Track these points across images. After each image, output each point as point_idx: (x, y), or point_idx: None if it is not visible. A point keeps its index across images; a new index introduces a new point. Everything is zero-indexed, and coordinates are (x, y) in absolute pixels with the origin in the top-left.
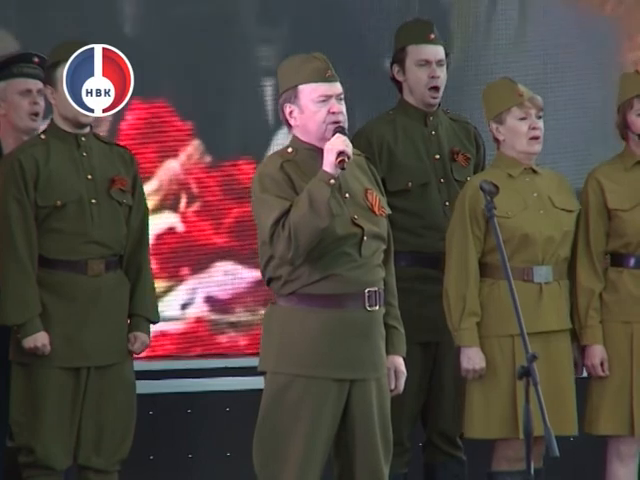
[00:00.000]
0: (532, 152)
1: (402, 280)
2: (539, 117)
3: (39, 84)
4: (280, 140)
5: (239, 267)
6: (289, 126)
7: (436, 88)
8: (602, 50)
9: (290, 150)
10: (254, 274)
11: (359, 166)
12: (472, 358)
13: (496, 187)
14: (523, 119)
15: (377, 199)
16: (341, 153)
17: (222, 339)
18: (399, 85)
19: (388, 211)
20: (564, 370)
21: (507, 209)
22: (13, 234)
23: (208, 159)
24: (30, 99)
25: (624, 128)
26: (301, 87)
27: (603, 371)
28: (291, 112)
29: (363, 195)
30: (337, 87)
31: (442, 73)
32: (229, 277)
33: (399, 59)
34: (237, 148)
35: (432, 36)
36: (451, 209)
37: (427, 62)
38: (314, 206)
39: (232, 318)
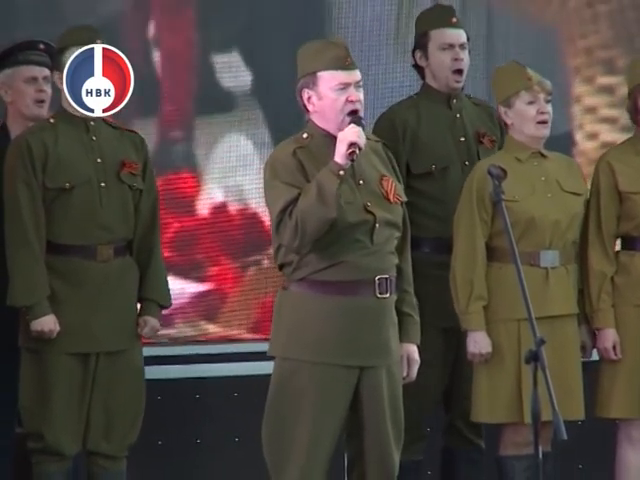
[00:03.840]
0: (540, 136)
1: (425, 266)
2: (548, 101)
3: (45, 71)
4: (221, 153)
5: (180, 281)
6: (307, 111)
7: (460, 71)
8: (545, 56)
9: (305, 136)
10: (195, 288)
11: (376, 152)
12: (479, 342)
13: (504, 171)
14: (531, 103)
15: (392, 186)
16: (352, 144)
17: None
18: (421, 71)
19: (404, 198)
20: (570, 355)
21: (514, 193)
22: (21, 216)
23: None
24: (36, 86)
25: (635, 112)
26: (320, 74)
27: (616, 354)
28: (309, 98)
29: (378, 182)
30: (356, 75)
31: (465, 56)
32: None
33: (422, 44)
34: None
35: (454, 20)
36: None
37: (450, 46)
38: (322, 196)
39: (173, 332)
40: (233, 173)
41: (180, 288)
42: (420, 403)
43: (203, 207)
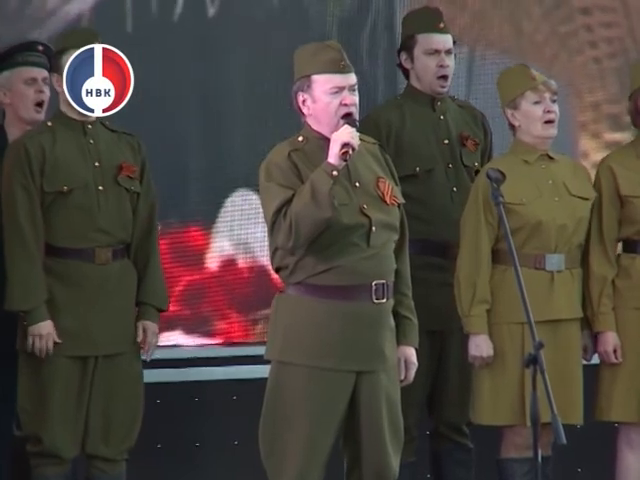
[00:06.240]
0: (547, 136)
1: (410, 268)
2: (553, 101)
3: (44, 72)
4: (230, 207)
5: (187, 337)
6: (302, 114)
7: (445, 77)
8: None
9: (301, 139)
10: (204, 342)
11: (372, 154)
12: (480, 345)
13: (503, 175)
14: (537, 103)
15: (389, 188)
16: (345, 145)
17: None
18: (406, 72)
19: (401, 200)
20: (573, 359)
21: (522, 196)
22: (19, 220)
23: (158, 225)
24: (35, 88)
25: (636, 115)
26: (315, 77)
27: (616, 358)
28: (304, 101)
29: (374, 184)
30: (351, 78)
31: (451, 62)
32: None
33: (407, 47)
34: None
35: (441, 25)
36: (459, 195)
37: (437, 51)
38: (316, 197)
39: None
40: (243, 227)
41: (188, 342)
42: (405, 405)
43: (212, 261)
